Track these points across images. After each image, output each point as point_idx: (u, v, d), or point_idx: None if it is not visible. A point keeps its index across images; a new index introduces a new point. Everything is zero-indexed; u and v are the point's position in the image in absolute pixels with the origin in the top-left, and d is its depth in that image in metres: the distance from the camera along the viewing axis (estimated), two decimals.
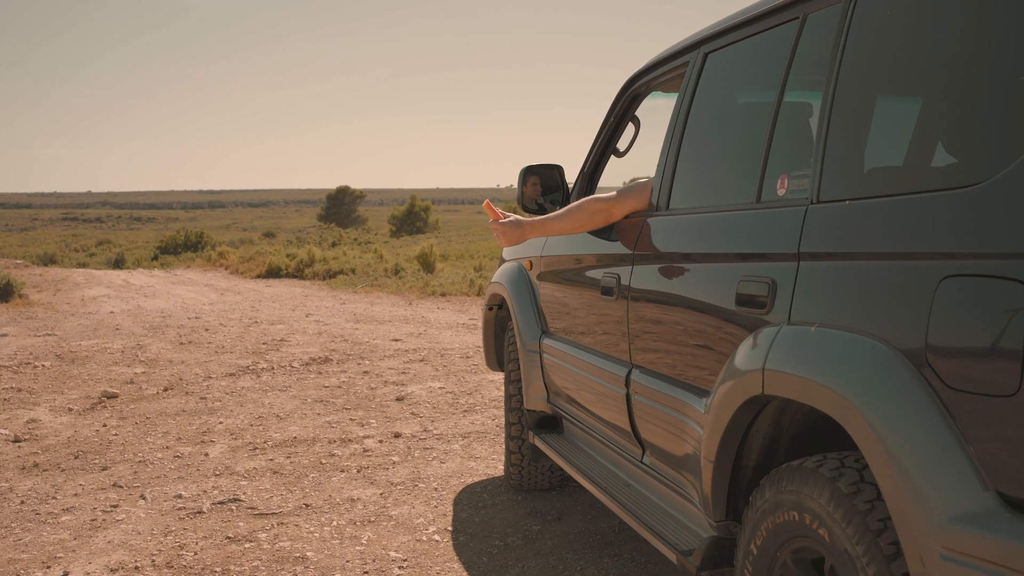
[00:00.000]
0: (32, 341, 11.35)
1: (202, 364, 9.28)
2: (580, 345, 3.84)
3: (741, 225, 2.64)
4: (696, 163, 3.17)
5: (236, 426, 6.56)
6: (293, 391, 7.80)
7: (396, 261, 23.51)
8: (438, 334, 11.35)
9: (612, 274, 3.42)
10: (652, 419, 3.12)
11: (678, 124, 3.22)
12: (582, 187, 4.21)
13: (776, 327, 2.31)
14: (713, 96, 3.15)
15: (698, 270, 2.84)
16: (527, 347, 4.44)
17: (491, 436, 6.14)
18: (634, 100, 3.92)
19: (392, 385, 7.97)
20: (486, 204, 3.76)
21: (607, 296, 3.45)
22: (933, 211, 1.88)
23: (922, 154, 2.19)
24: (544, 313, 4.37)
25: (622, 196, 3.51)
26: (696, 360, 2.80)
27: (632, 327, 3.25)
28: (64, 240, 78.58)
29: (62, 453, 5.95)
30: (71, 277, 24.37)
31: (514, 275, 4.71)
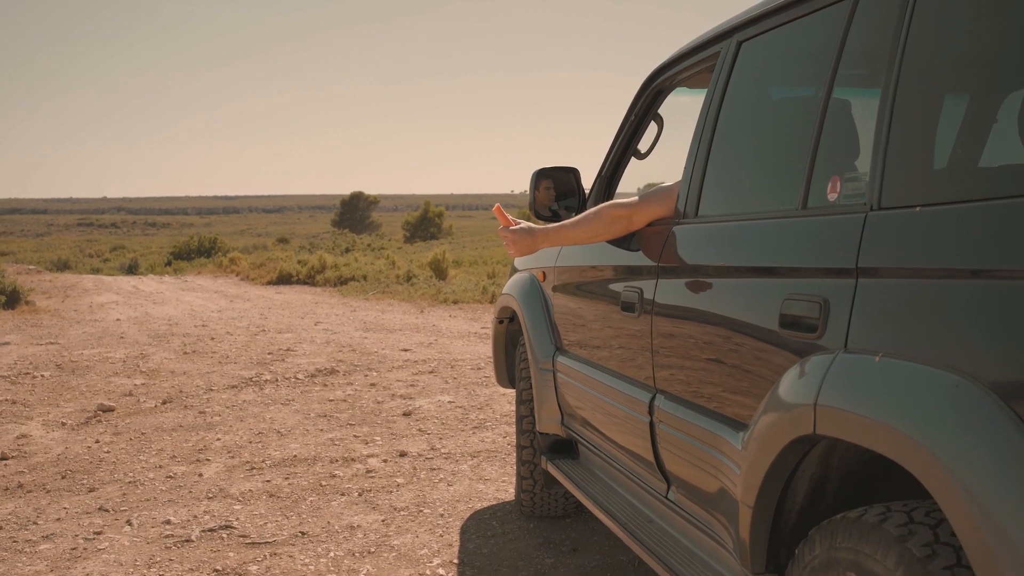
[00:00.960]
0: (34, 350, 11.08)
1: (204, 375, 8.97)
2: (597, 365, 3.50)
3: (785, 235, 2.30)
4: (729, 165, 2.83)
5: (234, 443, 6.24)
6: (296, 405, 7.48)
7: (408, 268, 23.20)
8: (449, 344, 11.02)
9: (633, 288, 3.08)
10: (679, 452, 2.78)
11: (708, 121, 2.89)
12: (600, 192, 3.88)
13: (830, 355, 1.97)
14: (748, 90, 2.81)
15: (733, 286, 2.50)
16: (540, 365, 4.11)
17: (502, 455, 5.80)
18: (657, 96, 3.58)
19: (399, 399, 7.64)
20: (496, 209, 3.43)
21: (628, 312, 3.11)
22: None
23: (1016, 151, 1.85)
24: (558, 328, 4.03)
25: (644, 202, 3.18)
26: (731, 388, 2.46)
27: (656, 347, 2.91)
28: (79, 246, 78.63)
29: (49, 472, 5.64)
30: (81, 283, 24.15)
31: (526, 287, 4.37)
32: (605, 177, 3.85)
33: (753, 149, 2.78)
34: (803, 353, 2.09)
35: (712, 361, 2.56)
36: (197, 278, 28.07)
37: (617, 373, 3.28)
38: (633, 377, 3.13)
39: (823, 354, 2.00)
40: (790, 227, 2.28)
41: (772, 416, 2.14)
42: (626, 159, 3.80)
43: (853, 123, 2.36)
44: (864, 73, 2.32)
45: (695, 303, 2.70)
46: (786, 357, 2.16)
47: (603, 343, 3.44)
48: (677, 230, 2.90)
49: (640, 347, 3.03)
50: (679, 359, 2.77)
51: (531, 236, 3.35)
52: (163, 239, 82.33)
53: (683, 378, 2.76)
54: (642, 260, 3.08)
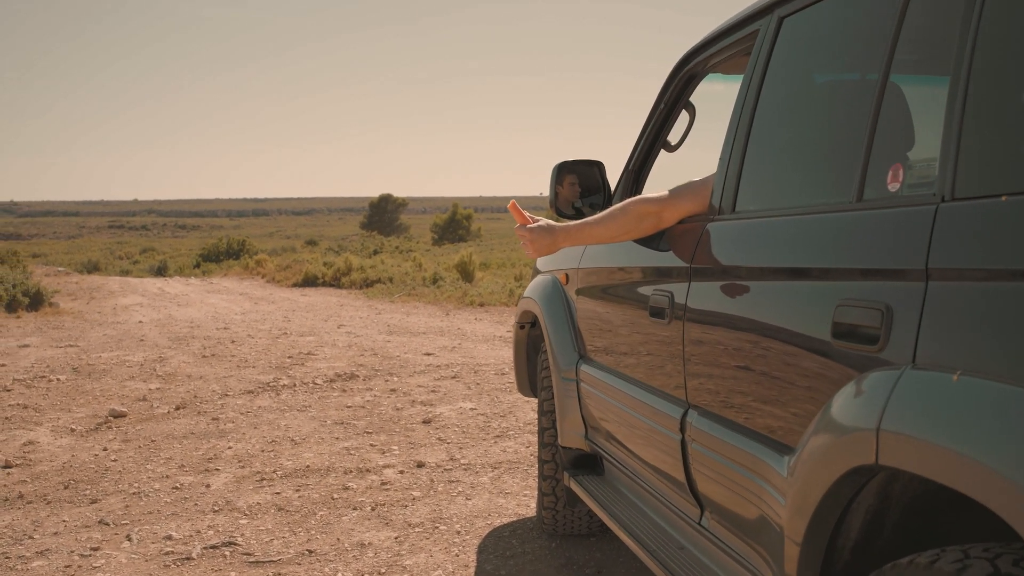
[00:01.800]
0: (52, 352, 10.91)
1: (221, 380, 8.74)
2: (624, 375, 3.21)
3: (837, 232, 2.00)
4: (770, 155, 2.54)
5: (246, 452, 5.99)
6: (313, 411, 7.22)
7: (435, 270, 22.96)
8: (473, 348, 10.75)
9: (663, 292, 2.79)
10: (714, 475, 2.49)
11: (746, 108, 2.59)
12: (626, 186, 3.58)
13: (894, 371, 1.67)
14: (791, 71, 2.52)
15: (776, 290, 2.20)
16: (562, 374, 3.82)
17: (524, 467, 5.52)
18: (688, 83, 3.29)
19: (420, 405, 7.37)
20: (512, 205, 3.14)
21: (657, 318, 2.82)
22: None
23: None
24: (582, 335, 3.74)
25: (675, 197, 2.89)
26: (774, 405, 2.17)
27: (689, 358, 2.62)
28: (109, 248, 79.13)
29: (52, 482, 5.41)
30: (107, 285, 24.08)
31: (548, 290, 4.09)
32: (632, 171, 3.56)
33: (797, 137, 2.48)
34: (861, 368, 1.80)
35: (751, 374, 2.27)
36: (223, 280, 27.97)
37: (645, 385, 3.00)
38: (663, 390, 2.84)
39: (886, 370, 1.70)
40: (843, 223, 1.99)
41: (824, 440, 1.85)
42: (655, 151, 3.50)
43: (918, 102, 2.07)
44: (928, 45, 2.02)
45: (732, 308, 2.41)
46: (840, 372, 1.87)
47: (630, 351, 3.16)
48: (712, 228, 2.60)
49: (671, 357, 2.75)
50: (714, 371, 2.48)
51: (551, 235, 3.07)
52: (192, 241, 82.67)
53: (719, 392, 2.46)
54: (673, 261, 2.79)
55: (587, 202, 3.69)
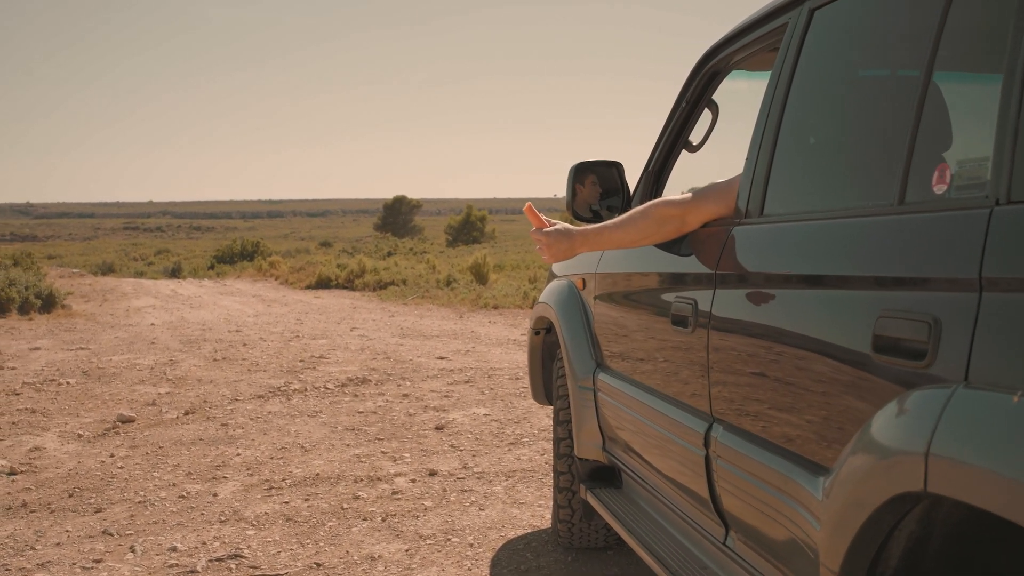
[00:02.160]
0: (63, 355, 10.82)
1: (231, 384, 8.63)
2: (644, 386, 3.07)
3: (877, 237, 1.86)
4: (801, 155, 2.40)
5: (255, 459, 5.87)
6: (324, 417, 7.10)
7: (449, 272, 22.84)
8: (487, 351, 10.62)
9: (686, 299, 2.65)
10: (740, 493, 2.35)
11: (774, 106, 2.45)
12: (647, 188, 3.44)
13: (944, 389, 1.53)
14: (823, 67, 2.38)
15: (809, 299, 2.06)
16: (579, 383, 3.68)
17: (539, 475, 5.38)
18: (711, 80, 3.15)
19: (432, 411, 7.24)
20: (527, 208, 3.00)
21: (680, 327, 2.68)
22: None
23: None
24: (600, 342, 3.60)
25: (699, 199, 2.75)
26: (806, 422, 2.03)
27: (714, 369, 2.48)
28: (124, 249, 79.34)
29: (57, 490, 5.30)
30: (120, 287, 24.05)
31: (564, 295, 3.96)
32: (652, 172, 3.42)
33: (830, 136, 2.34)
34: (905, 384, 1.66)
35: (781, 388, 2.13)
36: (236, 282, 27.92)
37: (666, 396, 2.86)
38: (685, 402, 2.70)
39: (935, 388, 1.56)
40: (884, 227, 1.85)
41: (864, 462, 1.71)
42: (676, 152, 3.36)
43: (963, 100, 1.93)
44: (977, 38, 1.88)
45: (761, 318, 2.27)
46: (881, 388, 1.73)
47: (650, 360, 3.02)
48: (738, 232, 2.46)
49: (694, 368, 2.61)
50: (741, 384, 2.34)
51: (568, 239, 2.93)
52: (207, 243, 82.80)
53: (745, 406, 2.32)
54: (696, 267, 2.65)
55: (605, 204, 3.55)
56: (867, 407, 1.77)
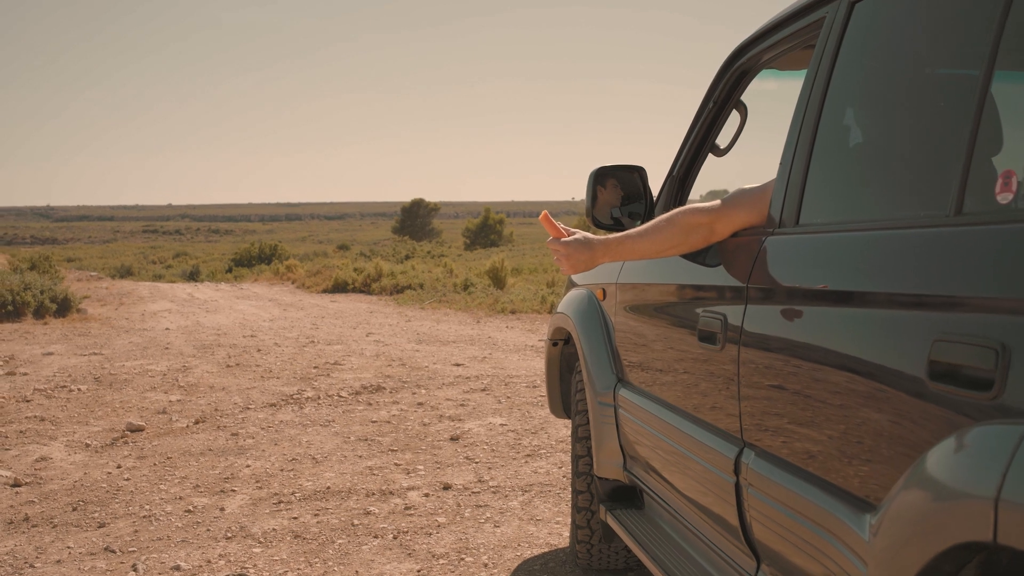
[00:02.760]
0: (76, 361, 10.71)
1: (244, 391, 8.48)
2: (668, 404, 2.89)
3: (930, 251, 1.68)
4: (842, 160, 2.22)
5: (264, 471, 5.71)
6: (336, 426, 6.94)
7: (466, 276, 22.69)
8: (504, 358, 10.44)
9: (715, 314, 2.47)
10: (775, 525, 2.16)
11: (811, 107, 2.27)
12: (671, 195, 3.27)
13: (1015, 426, 1.35)
14: (866, 64, 2.20)
15: (853, 317, 1.88)
16: (598, 398, 3.50)
17: (557, 490, 5.20)
18: (740, 80, 2.97)
19: (447, 420, 7.08)
20: (543, 216, 2.83)
21: (707, 344, 2.50)
22: None
23: None
24: (621, 356, 3.42)
25: (728, 206, 2.57)
26: (849, 452, 1.85)
27: (745, 390, 2.30)
28: (143, 252, 79.60)
29: (61, 503, 5.15)
30: (137, 291, 24.00)
31: (583, 305, 3.78)
32: (677, 178, 3.24)
33: (875, 139, 2.16)
34: (967, 417, 1.48)
35: (821, 413, 1.95)
36: (253, 286, 27.85)
37: (693, 417, 2.68)
38: (714, 424, 2.52)
39: (1003, 423, 1.38)
40: (940, 240, 1.67)
41: (919, 504, 1.52)
42: (702, 156, 3.18)
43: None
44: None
45: (797, 336, 2.09)
46: (938, 420, 1.55)
47: (675, 378, 2.84)
48: (771, 242, 2.28)
49: (723, 388, 2.43)
50: (775, 407, 2.16)
51: (588, 249, 2.75)
52: (225, 246, 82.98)
53: (780, 431, 2.14)
54: (726, 279, 2.47)
55: (627, 211, 3.37)
56: (921, 440, 1.59)
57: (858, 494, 1.81)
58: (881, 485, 1.71)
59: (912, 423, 1.63)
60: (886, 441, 1.71)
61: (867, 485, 1.77)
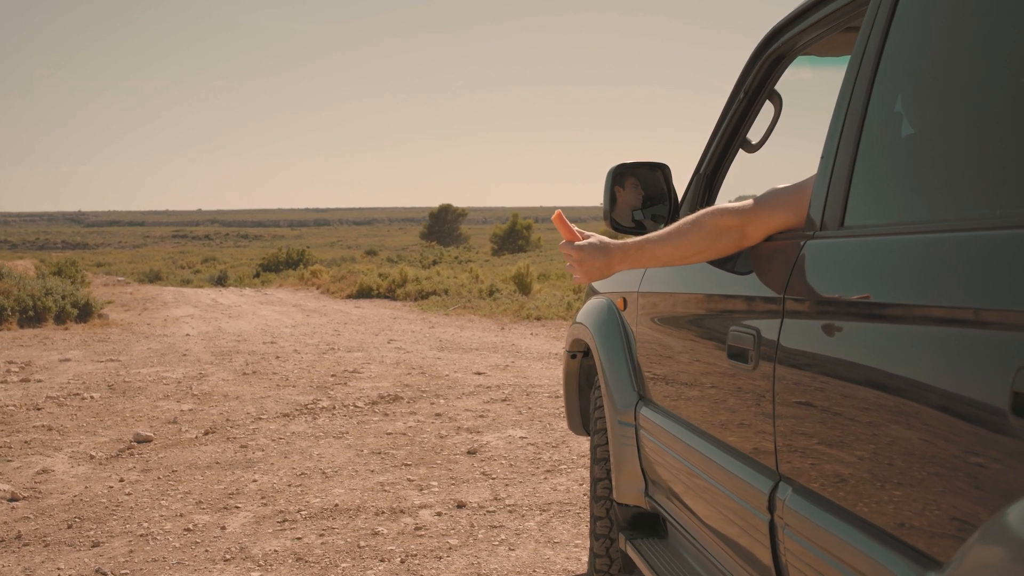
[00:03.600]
0: (92, 368, 10.53)
1: (258, 400, 8.24)
2: (694, 427, 2.60)
3: (1011, 260, 1.39)
4: (895, 153, 1.93)
5: (271, 486, 5.46)
6: (350, 438, 6.68)
7: (492, 282, 22.42)
8: (527, 367, 10.16)
9: (747, 329, 2.18)
10: (815, 573, 1.88)
11: (857, 94, 1.98)
12: (697, 194, 2.97)
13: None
14: (923, 45, 1.91)
15: (911, 335, 1.58)
16: (618, 417, 3.22)
17: (576, 510, 4.91)
18: (774, 67, 2.67)
19: (465, 432, 6.80)
20: (557, 216, 2.54)
21: (738, 362, 2.21)
22: None
23: None
24: (643, 372, 3.13)
25: (762, 207, 2.28)
26: (907, 496, 1.56)
27: (781, 415, 2.01)
28: (171, 257, 79.98)
29: (57, 519, 4.91)
30: (161, 296, 23.92)
31: (602, 316, 3.49)
32: (704, 176, 2.95)
33: (934, 130, 1.87)
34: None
35: (872, 446, 1.66)
36: (278, 291, 27.73)
37: (722, 443, 2.38)
38: (746, 452, 2.23)
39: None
40: (1015, 245, 1.38)
41: (1000, 563, 1.24)
42: (732, 151, 2.89)
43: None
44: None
45: (844, 355, 1.79)
46: (1022, 463, 1.27)
47: (702, 399, 2.54)
48: (812, 247, 1.99)
49: (756, 412, 2.14)
50: (816, 436, 1.87)
51: (605, 255, 2.46)
52: (254, 251, 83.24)
53: (821, 466, 1.85)
54: (759, 289, 2.18)
55: (649, 213, 3.09)
56: (1003, 486, 1.30)
57: (918, 546, 1.52)
58: (949, 537, 1.43)
59: (990, 465, 1.34)
60: (956, 485, 1.42)
61: (930, 536, 1.48)
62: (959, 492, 1.41)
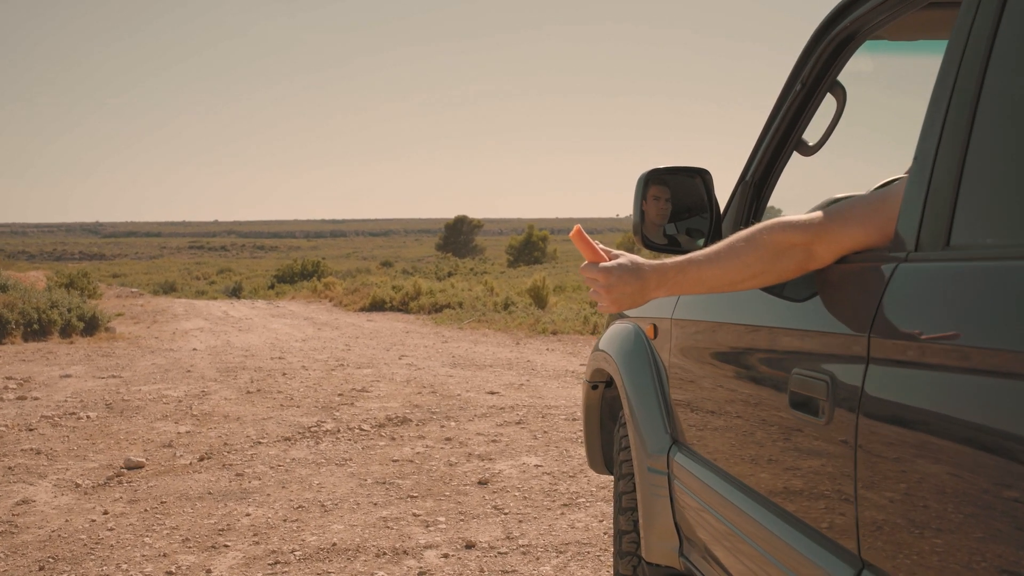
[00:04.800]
0: (92, 384, 10.15)
1: (259, 422, 7.82)
2: (744, 486, 2.15)
3: None
4: (1018, 154, 1.50)
5: (265, 521, 5.04)
6: (353, 466, 6.25)
7: (507, 294, 21.99)
8: (542, 385, 9.72)
9: (816, 373, 1.73)
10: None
11: (964, 83, 1.54)
12: (743, 205, 2.53)
13: None
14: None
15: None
16: (648, 463, 2.78)
17: (596, 551, 4.47)
18: (838, 53, 2.23)
19: (477, 460, 6.37)
20: (576, 232, 2.09)
21: (804, 413, 1.77)
22: None
23: None
24: (677, 412, 2.69)
25: (833, 220, 1.84)
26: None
27: (866, 484, 1.57)
28: (187, 268, 79.95)
29: (30, 559, 4.50)
30: (171, 308, 23.58)
31: (628, 344, 3.06)
32: (752, 184, 2.51)
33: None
34: None
35: (991, 531, 1.23)
36: (290, 304, 27.38)
37: (780, 510, 1.94)
38: (814, 526, 1.79)
39: None
40: None
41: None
42: (786, 154, 2.44)
43: None
44: None
45: (954, 412, 1.36)
46: None
47: (754, 452, 2.10)
48: (906, 272, 1.55)
49: (830, 477, 1.70)
50: (915, 517, 1.43)
51: (638, 278, 2.00)
52: (269, 262, 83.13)
53: (923, 556, 1.42)
54: (832, 324, 1.74)
55: (684, 227, 2.65)
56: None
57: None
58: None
59: None
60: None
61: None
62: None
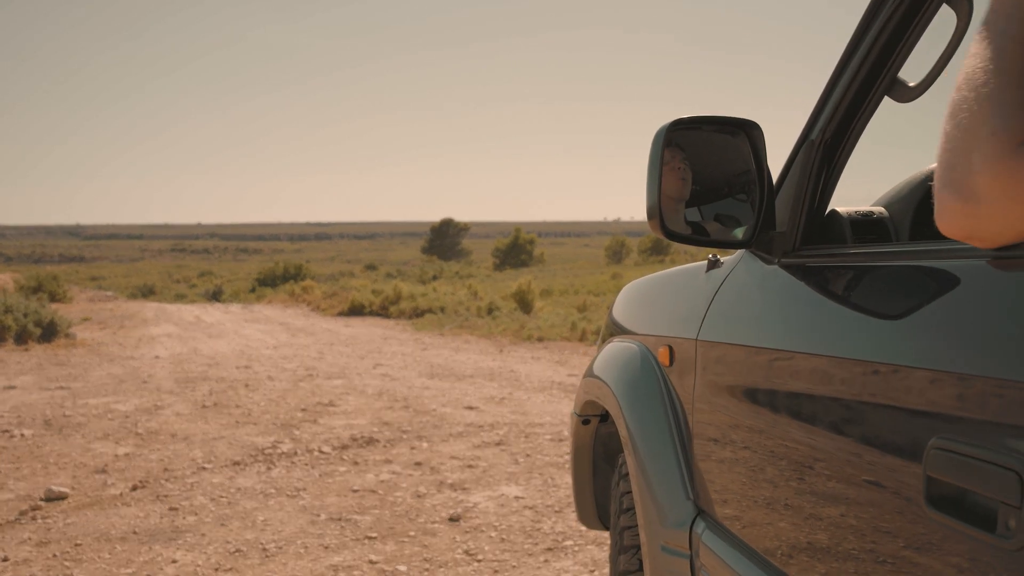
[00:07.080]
0: (36, 397, 9.33)
1: (209, 443, 7.01)
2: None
3: None
4: None
5: (193, 570, 4.23)
6: (306, 497, 5.45)
7: (491, 299, 21.21)
8: (526, 399, 8.93)
9: (989, 454, 0.96)
10: None
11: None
12: (809, 175, 1.72)
13: None
14: None
15: None
16: (661, 540, 1.99)
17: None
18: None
19: (449, 490, 5.57)
20: None
21: (954, 519, 0.99)
22: None
23: None
24: (703, 470, 1.91)
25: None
26: None
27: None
28: (168, 271, 79.01)
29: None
30: (141, 312, 22.73)
31: (633, 371, 2.26)
32: (822, 144, 1.71)
33: None
34: None
35: None
36: (267, 308, 26.53)
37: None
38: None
39: None
40: None
41: None
42: (872, 102, 1.64)
43: None
44: None
45: None
46: None
47: (839, 567, 1.32)
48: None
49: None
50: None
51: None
52: (252, 265, 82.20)
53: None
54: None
55: (713, 211, 1.87)
56: None
57: None
58: None
59: None
60: None
61: None
62: None
